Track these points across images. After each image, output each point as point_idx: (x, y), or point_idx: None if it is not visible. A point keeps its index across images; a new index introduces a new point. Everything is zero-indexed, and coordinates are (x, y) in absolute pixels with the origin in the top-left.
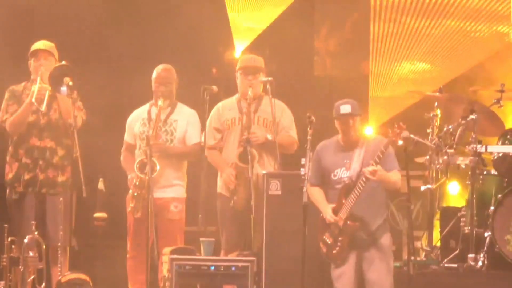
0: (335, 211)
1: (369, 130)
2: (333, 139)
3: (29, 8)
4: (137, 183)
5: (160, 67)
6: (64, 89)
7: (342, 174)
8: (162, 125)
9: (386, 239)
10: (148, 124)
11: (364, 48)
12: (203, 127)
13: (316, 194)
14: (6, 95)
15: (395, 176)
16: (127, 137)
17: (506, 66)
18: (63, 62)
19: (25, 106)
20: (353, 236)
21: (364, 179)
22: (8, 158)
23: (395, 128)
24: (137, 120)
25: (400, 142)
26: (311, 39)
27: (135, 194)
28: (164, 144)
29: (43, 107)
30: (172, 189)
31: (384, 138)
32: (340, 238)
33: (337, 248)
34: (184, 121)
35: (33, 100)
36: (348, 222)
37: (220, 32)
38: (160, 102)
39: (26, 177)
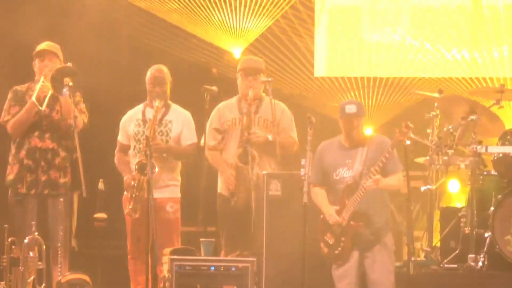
0: (338, 212)
1: (368, 131)
2: (335, 139)
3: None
4: (135, 185)
5: (154, 67)
6: (65, 91)
7: (344, 173)
8: (157, 126)
9: (388, 239)
10: (143, 125)
11: None
12: (202, 128)
13: (318, 195)
14: (9, 96)
15: (396, 180)
16: (120, 138)
17: None
18: (69, 64)
19: (28, 105)
20: (356, 236)
21: (361, 192)
22: (10, 159)
23: (403, 127)
24: (131, 121)
25: (408, 142)
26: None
27: (133, 195)
28: (163, 143)
29: (43, 107)
30: (167, 189)
31: (386, 137)
32: (342, 238)
33: (339, 248)
34: (179, 122)
35: (34, 98)
36: (351, 222)
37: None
38: (156, 103)
39: (29, 178)
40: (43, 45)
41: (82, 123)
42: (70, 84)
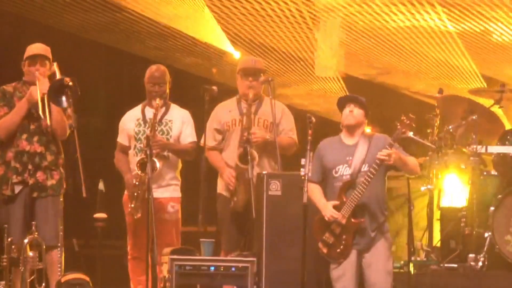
0: (336, 208)
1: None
2: (336, 137)
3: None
4: (136, 183)
5: (153, 67)
6: (63, 100)
7: (344, 171)
8: (158, 125)
9: (386, 240)
10: (143, 124)
11: None
12: (202, 128)
13: (314, 191)
14: None
15: (412, 158)
16: (120, 139)
17: None
18: (66, 78)
19: (18, 105)
20: (358, 233)
21: (370, 175)
22: None
23: (404, 119)
24: (131, 121)
25: (411, 134)
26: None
27: (135, 194)
28: (166, 140)
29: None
30: (168, 189)
31: (388, 136)
32: (344, 236)
33: (341, 247)
34: (179, 121)
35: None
36: (352, 219)
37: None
38: (156, 101)
39: (15, 180)
40: (34, 49)
41: (68, 127)
42: (70, 83)
